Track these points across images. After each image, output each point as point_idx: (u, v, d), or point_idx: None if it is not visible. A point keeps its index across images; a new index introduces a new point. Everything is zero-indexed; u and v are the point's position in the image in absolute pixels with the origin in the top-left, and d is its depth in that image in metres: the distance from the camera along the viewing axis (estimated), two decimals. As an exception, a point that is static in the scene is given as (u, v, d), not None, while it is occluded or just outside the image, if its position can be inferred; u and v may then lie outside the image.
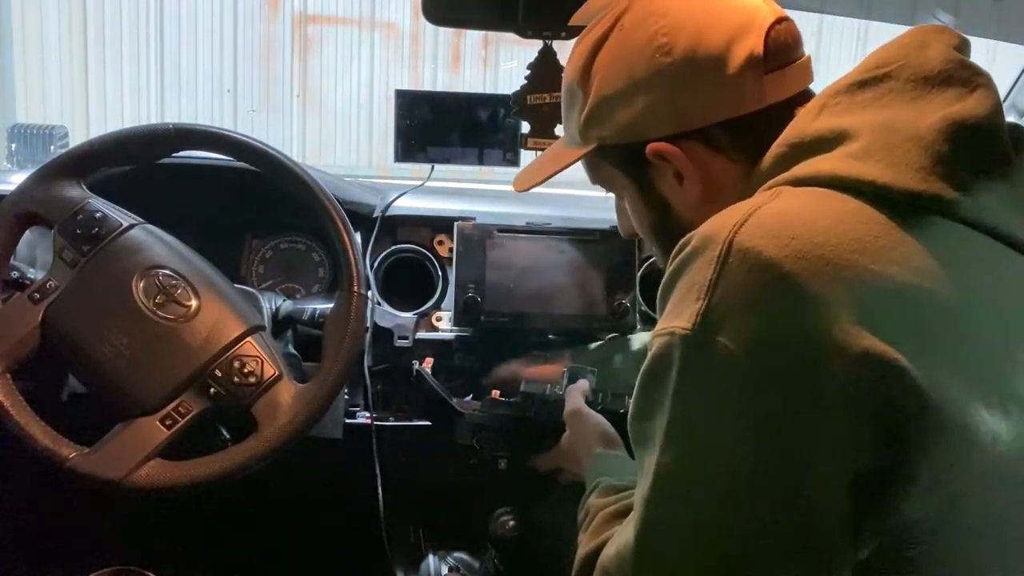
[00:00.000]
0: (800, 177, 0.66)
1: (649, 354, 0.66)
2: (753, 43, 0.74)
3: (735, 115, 0.74)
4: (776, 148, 0.70)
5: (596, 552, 0.77)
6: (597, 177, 0.87)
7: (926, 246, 0.61)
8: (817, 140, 0.67)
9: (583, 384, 1.13)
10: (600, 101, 0.79)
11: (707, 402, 0.62)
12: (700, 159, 0.76)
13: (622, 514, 0.81)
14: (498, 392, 1.20)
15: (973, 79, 0.67)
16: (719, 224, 0.63)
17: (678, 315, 0.63)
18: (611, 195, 0.90)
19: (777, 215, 0.62)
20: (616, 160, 0.82)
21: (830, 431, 0.59)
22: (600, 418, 1.06)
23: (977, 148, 0.64)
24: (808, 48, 0.80)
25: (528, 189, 0.95)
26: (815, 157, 0.67)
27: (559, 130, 1.14)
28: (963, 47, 0.70)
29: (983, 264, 0.65)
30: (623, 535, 0.70)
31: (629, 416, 0.70)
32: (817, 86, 0.79)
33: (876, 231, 0.61)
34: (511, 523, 1.19)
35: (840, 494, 0.59)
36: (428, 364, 1.30)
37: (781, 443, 0.60)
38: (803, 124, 0.70)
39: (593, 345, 1.36)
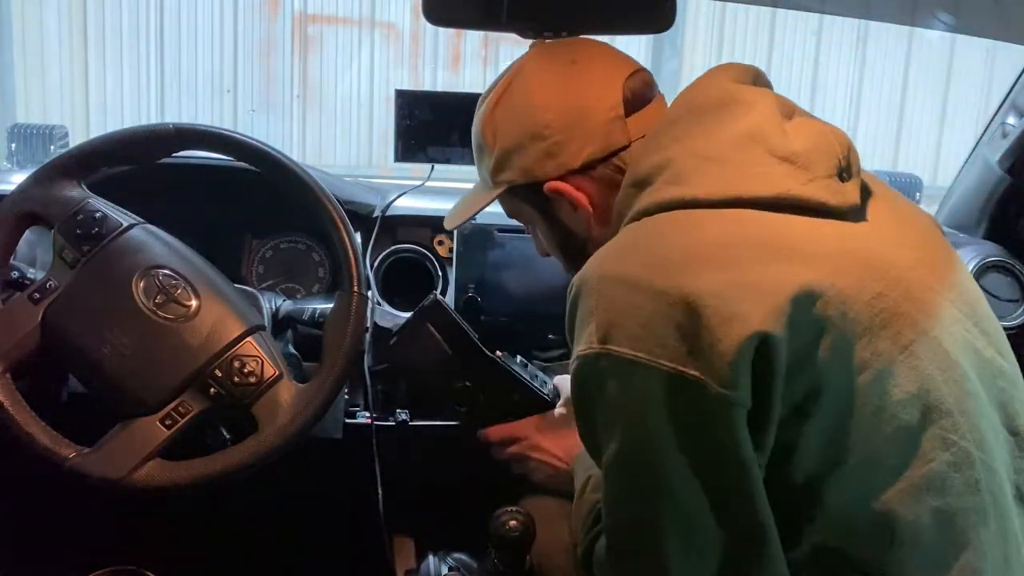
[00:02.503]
0: (639, 211, 0.84)
1: (571, 379, 0.80)
2: (613, 100, 0.92)
3: (606, 153, 0.92)
4: (623, 190, 0.88)
5: (592, 547, 0.86)
6: (511, 211, 1.04)
7: (741, 230, 0.78)
8: (646, 176, 0.85)
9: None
10: (501, 153, 0.96)
11: (617, 402, 0.75)
12: (586, 190, 0.93)
13: None
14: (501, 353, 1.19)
15: (749, 100, 0.85)
16: (588, 266, 0.81)
17: (581, 340, 0.78)
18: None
19: (625, 245, 0.82)
20: (523, 197, 0.98)
21: (726, 409, 0.72)
22: None
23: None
24: (808, 48, 0.88)
25: (457, 227, 1.12)
26: (646, 191, 0.84)
27: None
28: (745, 75, 0.90)
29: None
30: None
31: (579, 434, 0.83)
32: (819, 86, 0.81)
33: (699, 237, 0.77)
34: (511, 523, 1.19)
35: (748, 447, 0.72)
36: None
37: (678, 424, 0.73)
38: (635, 166, 0.88)
39: None
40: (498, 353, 1.20)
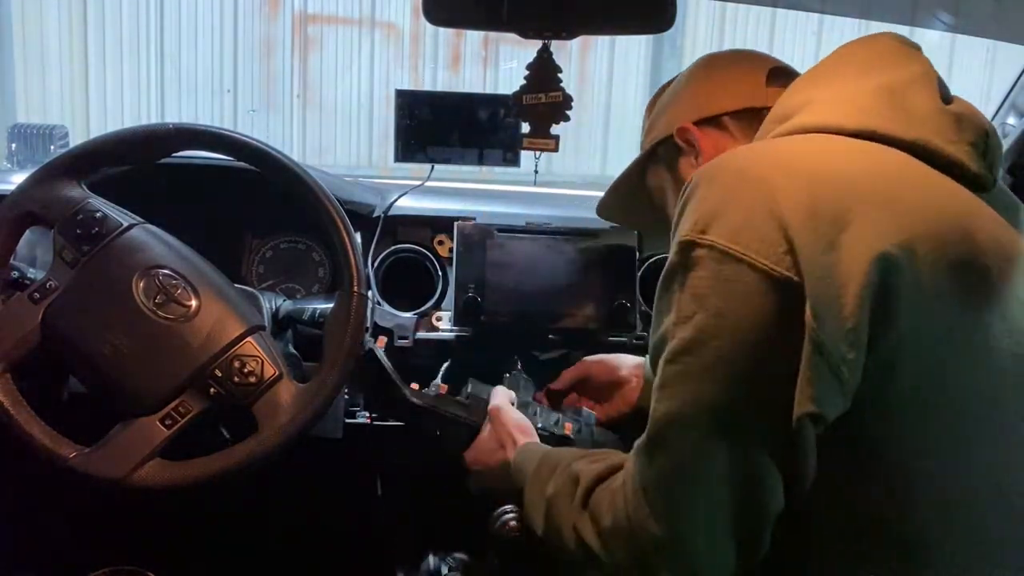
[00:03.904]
0: (780, 133, 0.86)
1: (665, 267, 0.80)
2: (758, 70, 1.01)
3: (741, 107, 0.99)
4: (764, 125, 0.91)
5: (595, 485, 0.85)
6: (652, 180, 1.11)
7: (870, 160, 0.78)
8: (788, 112, 0.87)
9: (503, 389, 1.21)
10: (655, 116, 1.09)
11: (700, 292, 0.75)
12: (714, 138, 1.00)
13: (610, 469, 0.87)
14: (416, 385, 1.24)
15: (906, 58, 0.87)
16: (712, 161, 0.81)
17: (682, 228, 0.77)
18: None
19: (752, 147, 0.84)
20: (661, 156, 1.07)
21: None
22: (520, 416, 1.14)
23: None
24: (808, 48, 0.95)
25: (610, 215, 1.26)
26: (785, 123, 0.86)
27: (555, 129, 1.15)
28: (907, 42, 0.89)
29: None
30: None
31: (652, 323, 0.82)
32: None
33: (830, 152, 0.79)
34: (511, 523, 1.19)
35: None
36: (382, 343, 1.30)
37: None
38: (779, 105, 0.90)
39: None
40: (413, 386, 1.23)
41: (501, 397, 1.19)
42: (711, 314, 0.73)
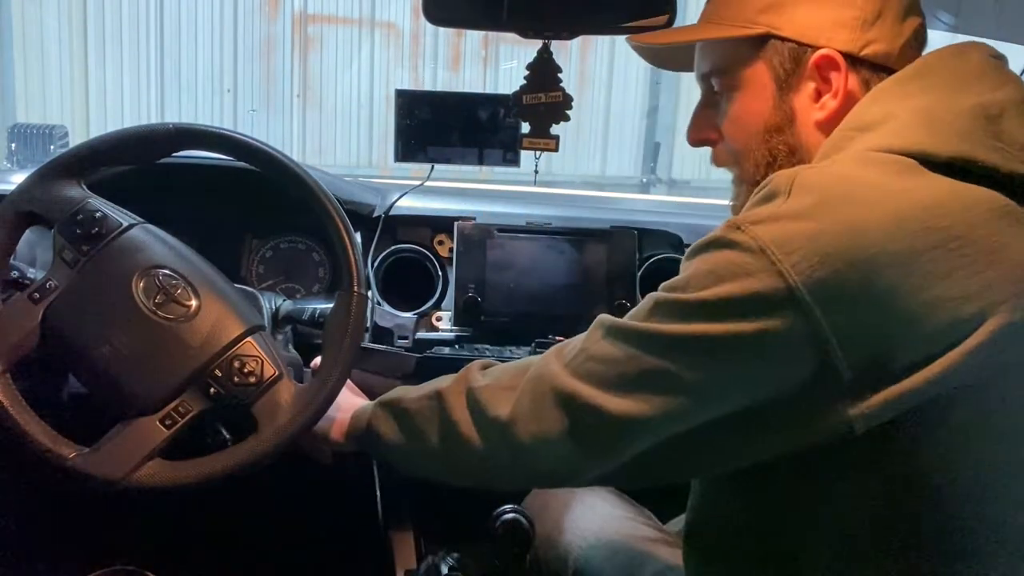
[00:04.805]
0: (864, 148, 0.75)
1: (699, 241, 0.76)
2: (916, 22, 0.84)
3: (895, 54, 0.82)
4: (840, 131, 0.79)
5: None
6: (721, 63, 0.87)
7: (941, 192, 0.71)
8: (869, 123, 0.77)
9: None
10: None
11: (714, 277, 0.72)
12: (852, 88, 0.81)
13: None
14: None
15: (1000, 79, 0.78)
16: (807, 173, 0.73)
17: (740, 214, 0.73)
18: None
19: (846, 173, 0.73)
20: (770, 55, 0.83)
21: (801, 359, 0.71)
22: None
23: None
24: None
25: (655, 43, 0.94)
26: (867, 134, 0.76)
27: (555, 129, 1.15)
28: (998, 57, 0.81)
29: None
30: None
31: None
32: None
33: (908, 197, 0.70)
34: (511, 522, 1.19)
35: None
36: None
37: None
38: (859, 111, 0.79)
39: None
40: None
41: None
42: (715, 294, 0.71)
